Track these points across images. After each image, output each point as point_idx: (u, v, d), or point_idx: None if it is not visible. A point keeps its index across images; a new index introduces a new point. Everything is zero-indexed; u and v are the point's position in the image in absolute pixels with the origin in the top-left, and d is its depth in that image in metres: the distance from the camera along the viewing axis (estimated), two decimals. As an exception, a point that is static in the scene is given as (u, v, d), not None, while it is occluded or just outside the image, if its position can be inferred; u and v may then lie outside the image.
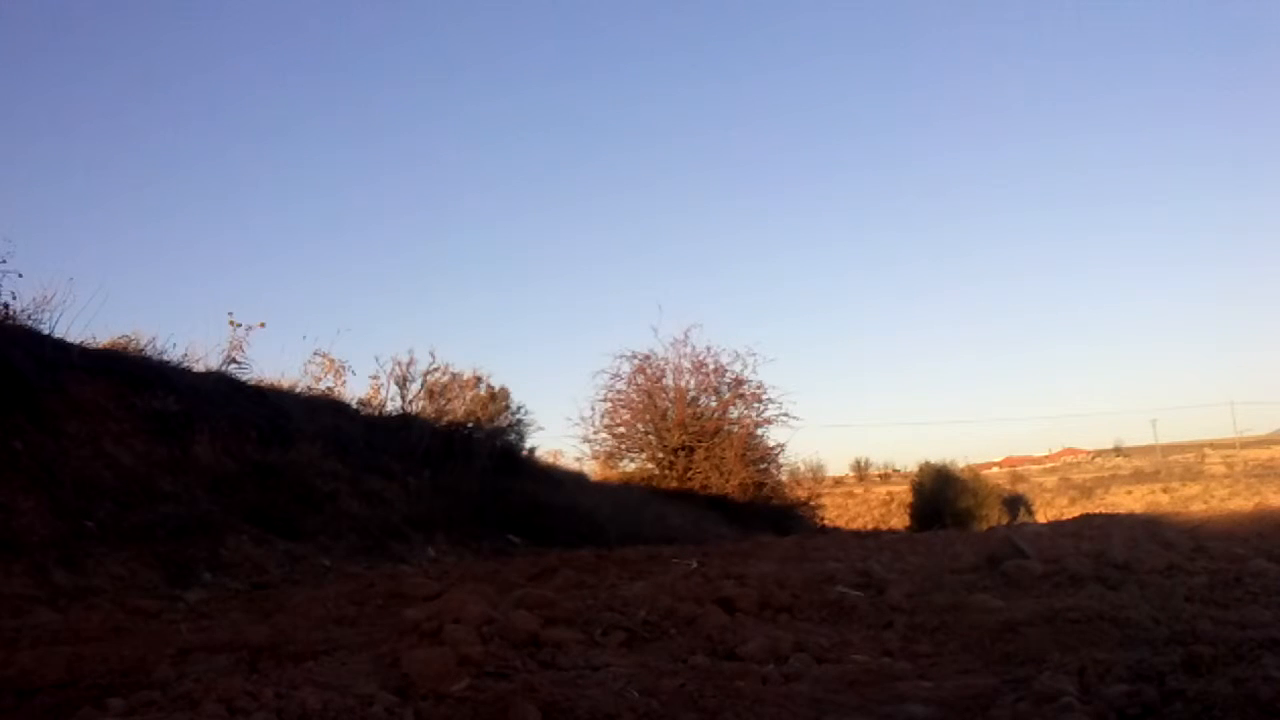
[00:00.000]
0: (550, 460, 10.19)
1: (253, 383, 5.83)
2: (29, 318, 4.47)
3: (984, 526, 15.02)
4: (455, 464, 6.27)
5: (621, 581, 2.41)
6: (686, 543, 4.75)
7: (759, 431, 12.75)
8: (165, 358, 5.14)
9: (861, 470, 37.32)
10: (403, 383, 7.44)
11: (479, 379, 8.18)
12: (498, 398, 8.27)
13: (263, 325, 6.22)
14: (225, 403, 4.95)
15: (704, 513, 10.11)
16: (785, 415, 12.69)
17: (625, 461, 12.59)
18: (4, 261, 4.39)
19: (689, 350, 12.36)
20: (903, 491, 21.55)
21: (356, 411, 6.91)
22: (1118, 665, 1.30)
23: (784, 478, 13.75)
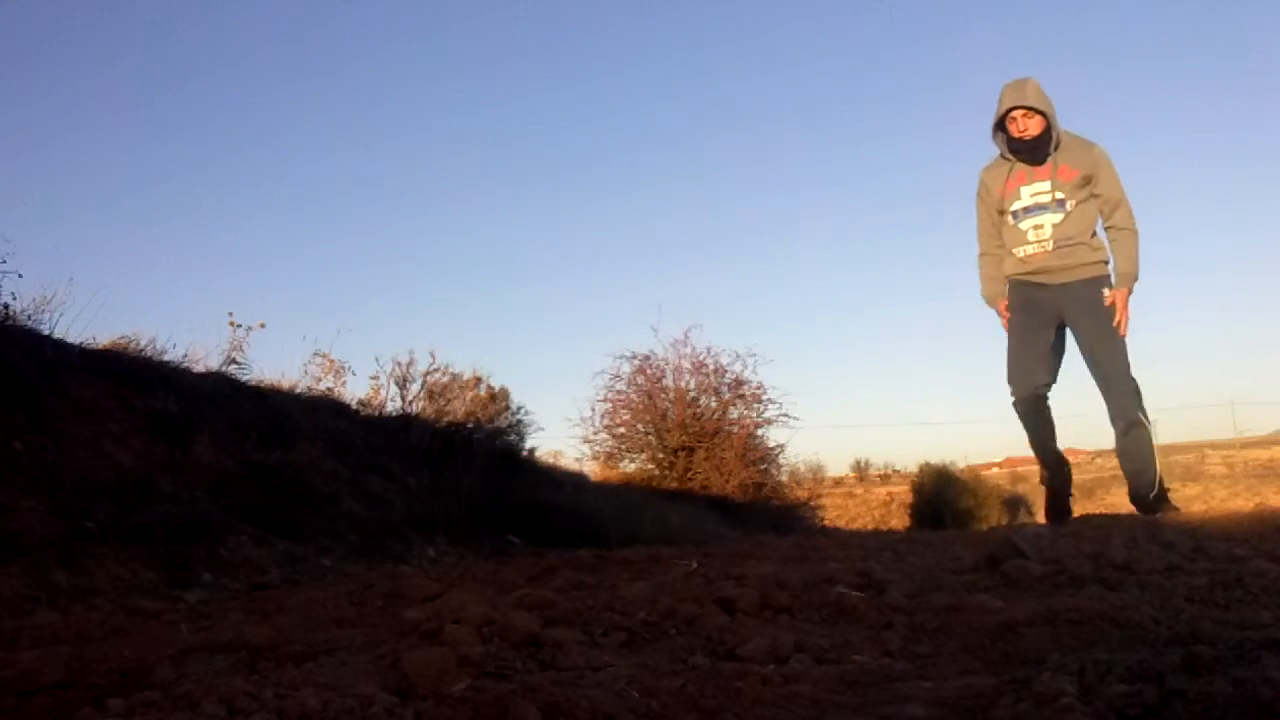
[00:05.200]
0: (550, 461, 10.19)
1: (253, 383, 5.83)
2: (29, 318, 4.47)
3: (984, 527, 15.02)
4: (455, 464, 6.27)
5: (621, 582, 2.41)
6: (686, 543, 4.75)
7: (759, 432, 12.77)
8: (165, 358, 5.13)
9: (861, 471, 37.31)
10: (403, 383, 7.44)
11: (479, 379, 8.18)
12: (498, 398, 8.27)
13: (263, 325, 6.22)
14: (225, 403, 4.95)
15: (704, 513, 10.11)
16: (785, 416, 12.72)
17: (625, 462, 12.60)
18: (4, 261, 4.39)
19: (689, 351, 12.38)
20: (903, 492, 21.61)
21: (356, 412, 6.91)
22: (1118, 666, 1.30)
23: (784, 478, 13.76)
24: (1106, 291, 4.18)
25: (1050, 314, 4.30)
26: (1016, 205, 4.32)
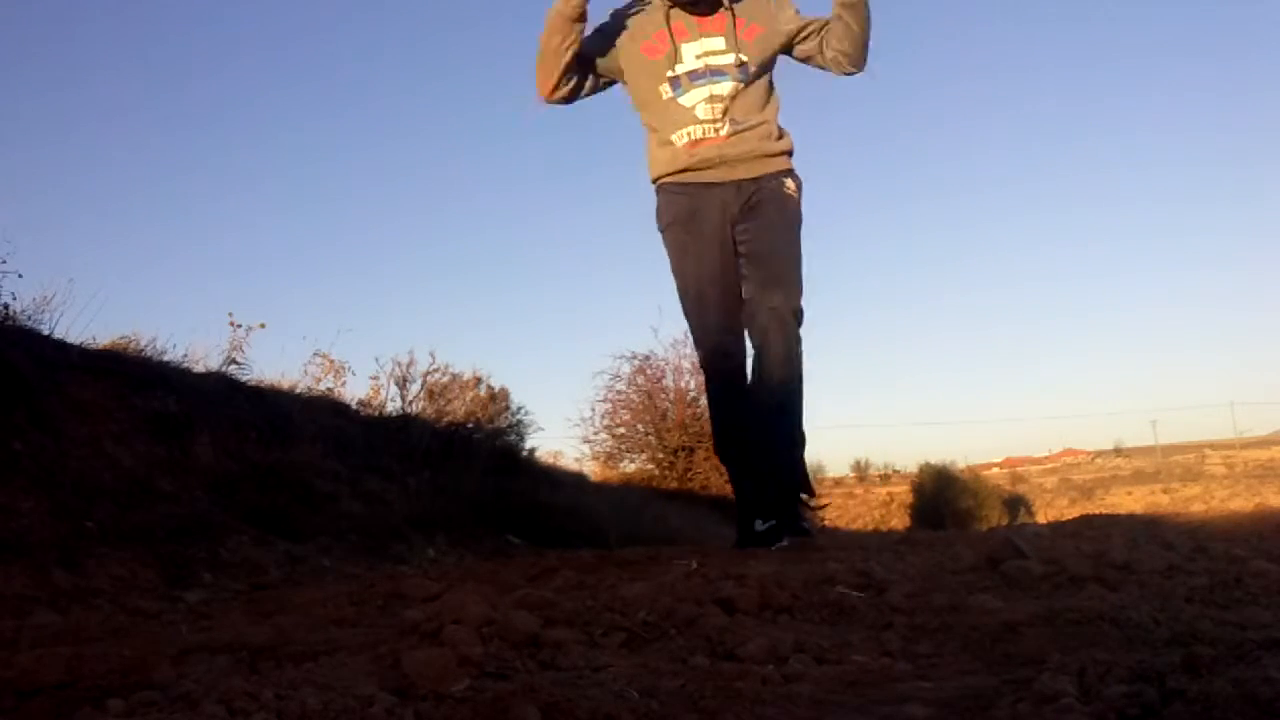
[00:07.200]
0: (550, 461, 10.19)
1: (253, 383, 5.83)
2: (29, 318, 4.47)
3: (984, 527, 15.03)
4: (455, 464, 6.27)
5: (621, 582, 2.41)
6: (686, 543, 4.75)
7: (759, 432, 12.74)
8: (165, 358, 5.13)
9: (861, 471, 37.32)
10: (403, 383, 7.44)
11: (479, 379, 8.19)
12: (498, 398, 8.27)
13: (263, 326, 6.22)
14: (225, 403, 4.95)
15: (704, 513, 10.11)
16: (785, 416, 12.69)
17: (625, 462, 12.63)
18: (4, 261, 4.39)
19: (689, 351, 12.39)
20: (903, 492, 21.63)
21: (356, 412, 6.91)
22: (1118, 666, 1.30)
23: (784, 478, 13.74)
24: (790, 182, 3.13)
25: (722, 225, 3.15)
26: (678, 69, 3.12)
